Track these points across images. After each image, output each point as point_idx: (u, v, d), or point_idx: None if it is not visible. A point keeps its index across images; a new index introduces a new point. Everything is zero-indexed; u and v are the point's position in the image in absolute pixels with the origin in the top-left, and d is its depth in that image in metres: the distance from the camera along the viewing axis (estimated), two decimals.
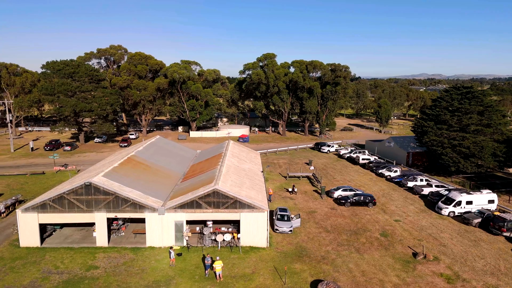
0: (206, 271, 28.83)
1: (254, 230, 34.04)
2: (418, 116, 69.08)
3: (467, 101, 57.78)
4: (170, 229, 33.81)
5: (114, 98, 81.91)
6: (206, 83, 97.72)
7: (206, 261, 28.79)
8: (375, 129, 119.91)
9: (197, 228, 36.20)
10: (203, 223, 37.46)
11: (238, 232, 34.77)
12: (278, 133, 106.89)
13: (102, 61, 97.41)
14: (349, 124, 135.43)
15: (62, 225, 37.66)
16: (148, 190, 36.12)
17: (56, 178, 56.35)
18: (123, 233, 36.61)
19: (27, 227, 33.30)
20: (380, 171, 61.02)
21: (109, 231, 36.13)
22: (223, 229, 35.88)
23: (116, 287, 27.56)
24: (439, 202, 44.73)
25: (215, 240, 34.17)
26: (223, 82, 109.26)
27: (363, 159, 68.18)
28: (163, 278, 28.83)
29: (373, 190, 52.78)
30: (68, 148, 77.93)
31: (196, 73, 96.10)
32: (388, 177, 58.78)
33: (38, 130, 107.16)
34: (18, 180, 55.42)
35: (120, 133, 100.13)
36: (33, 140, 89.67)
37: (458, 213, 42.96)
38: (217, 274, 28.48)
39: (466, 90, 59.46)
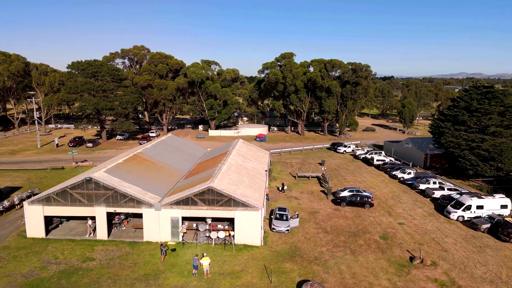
0: (194, 271, 29.16)
1: (249, 228, 34.19)
2: (436, 117, 66.61)
3: (486, 101, 55.19)
4: (166, 224, 34.58)
5: (135, 97, 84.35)
6: (224, 83, 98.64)
7: (194, 262, 29.06)
8: (399, 130, 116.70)
9: (194, 225, 36.76)
10: (203, 220, 37.97)
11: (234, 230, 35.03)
12: (297, 132, 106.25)
13: (126, 61, 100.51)
14: (373, 124, 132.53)
15: (69, 218, 39.35)
16: (148, 186, 37.08)
17: (73, 173, 58.75)
18: (124, 228, 37.78)
19: (33, 218, 35.08)
20: (393, 172, 59.49)
21: (111, 225, 37.45)
22: (219, 226, 36.26)
23: (107, 279, 28.56)
24: (448, 206, 43.11)
25: (209, 237, 34.62)
26: (242, 82, 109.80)
27: (377, 160, 66.65)
28: (153, 272, 29.58)
29: (383, 192, 51.59)
30: (90, 145, 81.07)
31: (215, 73, 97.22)
32: (401, 179, 57.18)
33: (67, 128, 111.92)
34: (38, 174, 58.30)
35: (142, 131, 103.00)
36: (61, 137, 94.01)
37: (467, 217, 41.23)
38: (204, 271, 28.88)
39: (486, 89, 56.83)
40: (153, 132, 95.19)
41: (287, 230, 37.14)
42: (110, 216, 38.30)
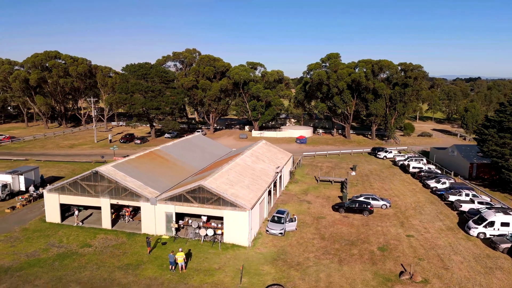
0: (170, 267, 30.16)
1: (237, 228, 34.47)
2: (480, 123, 60.29)
3: None
4: (161, 219, 36.27)
5: (180, 98, 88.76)
6: (268, 84, 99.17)
7: (170, 258, 30.03)
8: (460, 136, 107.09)
9: (190, 221, 37.96)
10: (199, 217, 39.02)
11: None
12: (344, 136, 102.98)
13: (177, 63, 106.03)
14: (434, 129, 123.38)
15: (87, 207, 43.01)
16: (152, 181, 39.16)
17: None
18: (131, 219, 40.31)
19: (51, 205, 39.10)
20: (427, 181, 55.13)
21: (118, 216, 40.27)
22: (213, 224, 37.02)
23: (93, 265, 30.91)
24: (469, 221, 39.01)
25: (198, 233, 35.57)
26: (287, 83, 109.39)
27: (413, 167, 62.19)
28: (135, 262, 31.32)
29: (406, 201, 48.25)
30: (138, 141, 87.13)
31: (259, 74, 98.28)
32: (434, 188, 52.84)
33: (127, 125, 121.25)
34: (83, 166, 64.32)
35: (190, 130, 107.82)
36: (118, 134, 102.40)
37: (490, 235, 36.92)
38: (179, 265, 29.84)
39: None
40: (199, 131, 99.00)
41: (281, 233, 36.65)
42: (121, 208, 41.27)
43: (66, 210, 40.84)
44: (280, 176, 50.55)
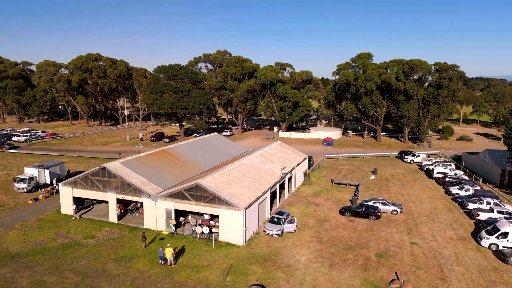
0: (160, 261, 31.03)
1: (231, 227, 34.76)
2: (510, 124, 56.21)
3: None
4: (162, 215, 37.41)
5: (207, 98, 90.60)
6: (296, 85, 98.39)
7: (160, 253, 30.88)
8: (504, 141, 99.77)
9: (190, 218, 38.77)
10: (201, 215, 39.76)
11: None
12: (375, 138, 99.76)
13: (208, 64, 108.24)
14: (477, 133, 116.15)
15: (100, 201, 45.27)
16: (157, 178, 40.49)
17: None
18: (137, 214, 41.93)
19: (65, 198, 41.65)
20: (450, 188, 52.12)
21: (127, 210, 42.06)
22: (211, 222, 37.60)
23: (91, 255, 32.59)
24: (482, 231, 36.50)
25: (194, 231, 36.26)
26: (316, 84, 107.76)
27: (438, 172, 59.00)
28: (130, 255, 32.60)
29: (421, 208, 46.02)
30: (167, 140, 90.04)
31: (287, 75, 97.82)
32: (456, 195, 49.88)
33: (161, 124, 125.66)
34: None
35: (219, 130, 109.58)
36: (151, 132, 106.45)
37: (503, 246, 34.33)
38: (168, 260, 30.66)
39: None
40: (227, 131, 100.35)
41: (277, 234, 36.44)
42: (130, 203, 43.08)
43: (80, 203, 43.27)
44: (290, 177, 50.16)
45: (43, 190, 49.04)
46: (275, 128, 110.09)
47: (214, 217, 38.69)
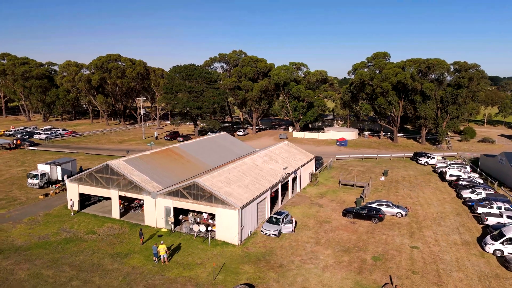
0: (154, 258, 31.48)
1: (227, 226, 34.88)
2: None
3: None
4: (161, 212, 37.95)
5: (221, 98, 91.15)
6: (311, 84, 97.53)
7: (153, 250, 31.33)
8: None
9: (189, 216, 39.13)
10: (200, 213, 40.06)
11: None
12: (391, 139, 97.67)
13: (223, 64, 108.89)
14: (502, 135, 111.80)
15: (107, 198, 46.36)
16: (158, 177, 41.08)
17: None
18: (140, 211, 42.69)
19: (72, 194, 42.90)
20: (461, 191, 50.42)
21: (130, 207, 42.91)
22: (210, 221, 37.82)
23: (89, 250, 33.44)
24: (487, 236, 35.13)
25: (192, 229, 36.58)
26: (331, 83, 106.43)
27: (450, 175, 57.15)
28: (126, 251, 33.24)
29: (428, 211, 44.76)
30: (181, 139, 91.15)
31: (301, 75, 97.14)
32: (467, 199, 48.22)
33: (177, 124, 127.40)
34: None
35: (234, 129, 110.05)
36: (167, 131, 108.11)
37: (508, 253, 32.92)
38: (161, 257, 31.07)
39: None
40: (241, 131, 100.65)
41: (275, 234, 36.27)
42: (134, 200, 43.96)
43: (86, 199, 44.49)
44: (295, 178, 49.81)
45: (53, 186, 50.70)
46: (290, 128, 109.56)
47: (213, 215, 38.91)
